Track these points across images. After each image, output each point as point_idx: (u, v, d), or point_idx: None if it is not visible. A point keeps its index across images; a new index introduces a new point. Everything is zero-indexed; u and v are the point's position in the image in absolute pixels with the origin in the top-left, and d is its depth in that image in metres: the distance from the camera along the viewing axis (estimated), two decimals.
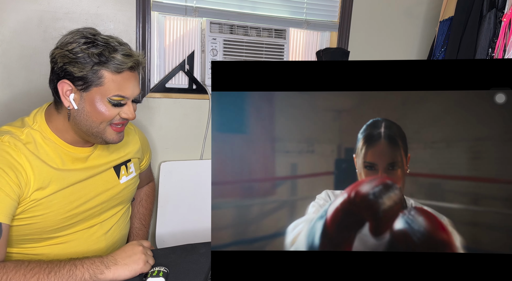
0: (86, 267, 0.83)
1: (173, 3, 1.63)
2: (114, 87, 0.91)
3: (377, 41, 2.02)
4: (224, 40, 1.68)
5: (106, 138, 0.97)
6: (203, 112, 1.76)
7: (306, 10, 1.87)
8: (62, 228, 0.97)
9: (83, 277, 0.82)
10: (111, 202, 1.08)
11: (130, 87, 0.94)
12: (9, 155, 0.88)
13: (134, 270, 0.88)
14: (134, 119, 0.98)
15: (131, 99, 0.97)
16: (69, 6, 1.48)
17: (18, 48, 1.43)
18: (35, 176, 0.90)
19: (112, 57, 0.90)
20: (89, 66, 0.89)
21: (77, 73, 0.89)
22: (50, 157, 0.95)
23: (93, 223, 1.04)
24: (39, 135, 0.95)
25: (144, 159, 1.26)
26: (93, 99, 0.92)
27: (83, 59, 0.89)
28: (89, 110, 0.93)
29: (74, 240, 1.00)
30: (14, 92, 1.45)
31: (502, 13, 1.56)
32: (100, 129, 0.95)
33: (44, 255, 0.97)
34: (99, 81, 0.90)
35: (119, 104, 0.94)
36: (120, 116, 0.96)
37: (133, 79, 0.95)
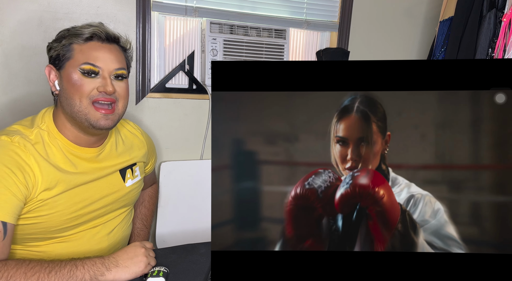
0: (87, 268, 0.83)
1: (173, 3, 1.63)
2: (82, 56, 0.93)
3: (377, 41, 2.02)
4: (224, 40, 1.68)
5: (90, 119, 0.93)
6: (203, 112, 1.76)
7: (306, 10, 1.87)
8: (66, 228, 0.97)
9: (84, 278, 0.82)
10: (116, 205, 1.08)
11: (101, 57, 0.94)
12: (18, 156, 0.88)
13: (135, 272, 0.87)
14: (113, 93, 0.95)
15: (107, 71, 0.95)
16: (69, 6, 1.48)
17: (18, 48, 1.44)
18: (43, 177, 0.91)
19: (77, 29, 0.96)
20: (60, 44, 0.95)
21: (53, 54, 0.96)
22: (57, 158, 0.95)
23: (97, 223, 1.04)
24: (47, 135, 0.96)
25: (149, 163, 1.26)
26: (68, 74, 0.94)
27: (58, 40, 0.96)
28: (67, 87, 0.94)
29: (77, 239, 1.00)
30: (14, 92, 1.45)
31: (502, 13, 1.56)
32: (82, 108, 0.93)
33: (47, 252, 0.97)
34: (70, 54, 0.94)
35: (90, 73, 0.93)
36: (98, 90, 0.93)
37: (106, 50, 0.95)
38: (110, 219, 1.08)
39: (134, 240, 1.27)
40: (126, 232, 1.15)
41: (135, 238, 1.28)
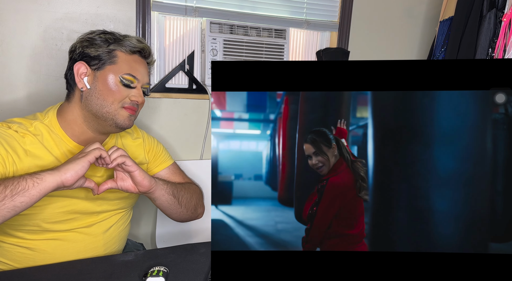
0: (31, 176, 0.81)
1: (173, 3, 1.63)
2: (126, 66, 1.00)
3: (377, 41, 2.02)
4: (224, 40, 1.68)
5: (118, 119, 1.00)
6: (203, 112, 1.76)
7: (306, 10, 1.87)
8: (60, 222, 0.98)
9: (27, 185, 0.79)
10: (112, 205, 1.07)
11: (140, 71, 1.03)
12: (13, 139, 0.92)
13: (74, 169, 0.83)
14: (143, 103, 1.04)
15: (141, 84, 1.03)
16: (69, 6, 1.48)
17: (18, 48, 1.44)
18: (35, 159, 0.93)
19: (126, 39, 1.02)
20: (105, 46, 1.00)
21: (93, 53, 0.99)
22: (54, 151, 0.97)
23: (92, 222, 1.04)
24: (46, 129, 0.98)
25: (152, 159, 1.19)
26: (106, 77, 0.99)
27: (99, 41, 1.00)
28: (101, 89, 0.98)
29: (71, 237, 1.00)
30: (14, 92, 1.45)
31: (502, 13, 1.56)
32: (112, 109, 0.99)
33: (41, 250, 0.97)
34: (113, 59, 1.00)
35: (129, 85, 1.00)
36: (130, 99, 1.01)
37: (143, 66, 1.05)
38: (105, 218, 1.07)
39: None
40: (123, 233, 1.14)
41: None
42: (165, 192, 1.04)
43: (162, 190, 1.03)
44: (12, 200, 0.78)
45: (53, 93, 1.50)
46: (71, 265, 0.93)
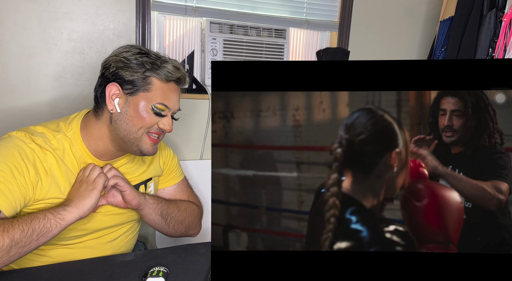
0: (49, 216, 0.85)
1: (173, 3, 1.63)
2: (160, 95, 0.96)
3: (377, 41, 2.02)
4: (224, 40, 1.68)
5: (142, 146, 0.98)
6: (203, 112, 1.76)
7: (306, 10, 1.87)
8: (70, 238, 0.98)
9: (47, 224, 0.84)
10: (122, 218, 1.07)
11: (173, 99, 1.00)
12: (36, 155, 0.91)
13: (90, 204, 0.90)
14: (170, 132, 1.01)
15: (172, 111, 1.01)
16: (68, 6, 1.48)
17: (18, 48, 1.44)
18: (52, 183, 0.92)
19: (163, 66, 0.97)
20: (141, 72, 0.95)
21: (128, 77, 0.95)
22: (74, 167, 0.97)
23: (101, 234, 1.04)
24: (69, 143, 0.97)
25: (165, 173, 1.19)
26: (138, 103, 0.95)
27: (136, 65, 0.95)
28: (132, 115, 0.96)
29: (81, 246, 1.01)
30: (13, 92, 1.45)
31: (502, 13, 1.56)
32: (138, 136, 0.97)
33: (52, 257, 0.97)
34: (147, 86, 0.95)
35: (160, 113, 0.97)
36: (158, 126, 0.98)
37: (177, 93, 1.02)
38: (115, 230, 1.07)
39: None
40: (131, 242, 1.14)
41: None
42: (152, 211, 1.06)
43: (150, 209, 1.05)
44: (36, 242, 0.83)
45: (53, 93, 1.50)
46: (71, 265, 0.93)
